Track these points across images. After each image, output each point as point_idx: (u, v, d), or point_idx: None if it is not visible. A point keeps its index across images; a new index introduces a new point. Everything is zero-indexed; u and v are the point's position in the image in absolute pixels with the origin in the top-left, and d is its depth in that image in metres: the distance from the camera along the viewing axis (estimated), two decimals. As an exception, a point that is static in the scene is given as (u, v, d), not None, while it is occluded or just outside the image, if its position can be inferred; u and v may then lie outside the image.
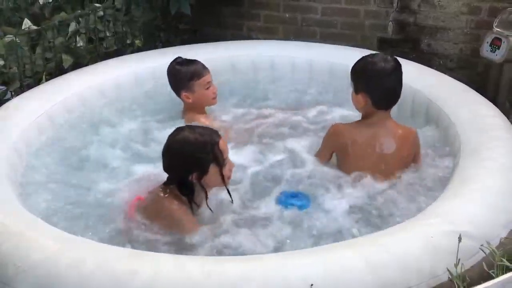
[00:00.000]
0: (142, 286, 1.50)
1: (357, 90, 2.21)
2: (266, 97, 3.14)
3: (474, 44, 3.47)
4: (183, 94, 2.74)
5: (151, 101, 3.07)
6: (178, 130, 2.02)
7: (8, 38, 2.85)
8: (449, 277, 1.58)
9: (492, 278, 1.52)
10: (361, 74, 2.19)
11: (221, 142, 1.99)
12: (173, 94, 2.84)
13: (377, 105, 2.20)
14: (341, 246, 1.67)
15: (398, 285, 1.56)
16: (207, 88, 2.74)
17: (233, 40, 3.80)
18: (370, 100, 2.18)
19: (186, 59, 2.76)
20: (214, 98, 2.79)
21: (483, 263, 1.63)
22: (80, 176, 2.37)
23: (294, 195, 2.18)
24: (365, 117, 2.27)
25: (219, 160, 1.97)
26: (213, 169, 1.97)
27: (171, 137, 2.00)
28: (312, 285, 1.49)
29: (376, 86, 2.16)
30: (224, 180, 2.02)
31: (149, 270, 1.53)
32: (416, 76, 2.90)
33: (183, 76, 2.71)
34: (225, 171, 2.01)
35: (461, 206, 1.84)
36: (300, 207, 2.10)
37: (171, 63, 2.76)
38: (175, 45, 3.63)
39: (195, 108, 2.76)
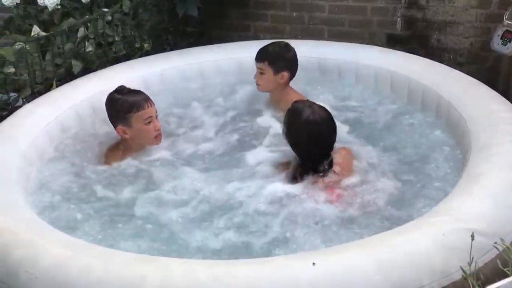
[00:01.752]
0: (151, 290, 1.50)
1: (278, 70, 2.78)
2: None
3: (484, 37, 3.42)
4: (119, 127, 2.43)
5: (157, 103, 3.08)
6: (302, 115, 2.11)
7: (18, 45, 2.88)
8: (462, 276, 1.55)
9: (507, 276, 1.49)
10: (284, 58, 2.79)
11: None
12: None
13: (293, 77, 2.86)
14: (350, 246, 1.66)
15: (409, 284, 1.55)
16: (148, 123, 2.42)
17: (240, 41, 3.80)
18: (289, 75, 2.81)
19: (128, 89, 2.48)
20: (157, 137, 2.48)
21: (497, 260, 1.60)
22: (92, 181, 2.38)
23: None
24: (279, 89, 2.83)
25: None
26: None
27: (314, 124, 2.11)
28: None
29: (294, 63, 2.84)
30: None
31: (157, 275, 1.53)
32: (425, 72, 2.88)
33: (120, 106, 2.41)
34: None
35: (473, 203, 1.81)
36: None
37: (112, 91, 2.49)
38: (183, 48, 3.64)
39: (133, 146, 2.47)
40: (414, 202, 2.12)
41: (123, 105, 2.41)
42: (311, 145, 2.13)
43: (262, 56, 2.80)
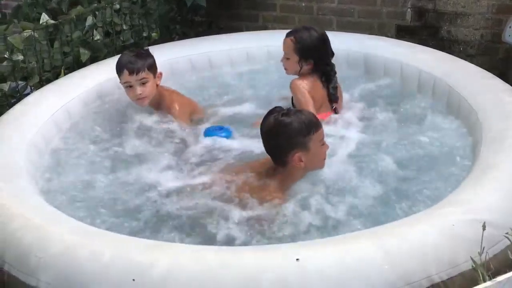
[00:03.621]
0: (160, 276, 1.51)
1: (155, 72, 2.66)
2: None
3: (495, 29, 3.39)
4: (297, 155, 2.01)
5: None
6: (311, 33, 2.62)
7: (27, 33, 2.88)
8: (472, 266, 1.55)
9: (517, 266, 1.49)
10: (153, 60, 2.66)
11: None
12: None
13: None
14: (358, 235, 1.66)
15: (417, 274, 1.54)
16: (322, 145, 2.08)
17: (249, 31, 3.80)
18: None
19: (290, 109, 2.12)
20: (324, 159, 2.13)
21: (508, 251, 1.59)
22: (98, 168, 2.39)
23: (219, 128, 2.59)
24: (156, 93, 2.68)
25: None
26: None
27: (321, 35, 2.65)
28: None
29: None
30: None
31: (166, 261, 1.54)
32: (436, 63, 2.86)
33: (297, 129, 2.00)
34: None
35: (483, 194, 1.80)
36: (225, 137, 2.52)
37: (271, 116, 2.06)
38: (191, 38, 3.63)
39: (296, 175, 2.09)
40: (420, 194, 2.11)
41: (301, 127, 2.01)
42: (323, 48, 2.64)
43: (138, 67, 2.55)
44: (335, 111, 2.68)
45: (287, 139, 2.02)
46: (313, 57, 2.63)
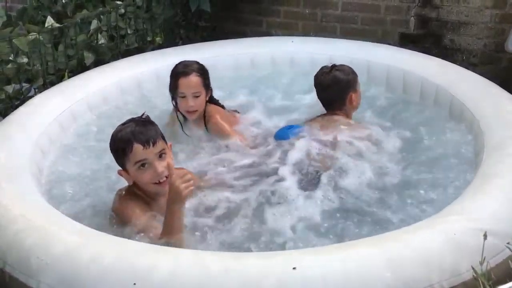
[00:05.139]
0: (161, 280, 1.51)
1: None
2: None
3: (498, 38, 3.40)
4: (352, 94, 2.54)
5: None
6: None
7: (32, 36, 2.89)
8: (473, 275, 1.54)
9: (518, 276, 1.48)
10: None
11: None
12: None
13: None
14: (362, 242, 1.65)
15: (419, 282, 1.54)
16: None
17: (252, 36, 3.81)
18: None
19: (333, 64, 2.58)
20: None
21: (509, 261, 1.59)
22: (102, 171, 2.39)
23: (289, 127, 2.60)
24: None
25: None
26: None
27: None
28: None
29: None
30: None
31: (168, 265, 1.54)
32: (438, 72, 2.87)
33: (351, 71, 2.54)
34: None
35: (485, 203, 1.80)
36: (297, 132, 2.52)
37: (324, 74, 2.55)
38: (195, 42, 3.64)
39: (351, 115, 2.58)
40: (421, 202, 2.11)
41: (351, 71, 2.59)
42: None
43: (154, 135, 1.91)
44: (237, 111, 2.79)
45: (346, 82, 2.53)
46: (209, 84, 2.59)
